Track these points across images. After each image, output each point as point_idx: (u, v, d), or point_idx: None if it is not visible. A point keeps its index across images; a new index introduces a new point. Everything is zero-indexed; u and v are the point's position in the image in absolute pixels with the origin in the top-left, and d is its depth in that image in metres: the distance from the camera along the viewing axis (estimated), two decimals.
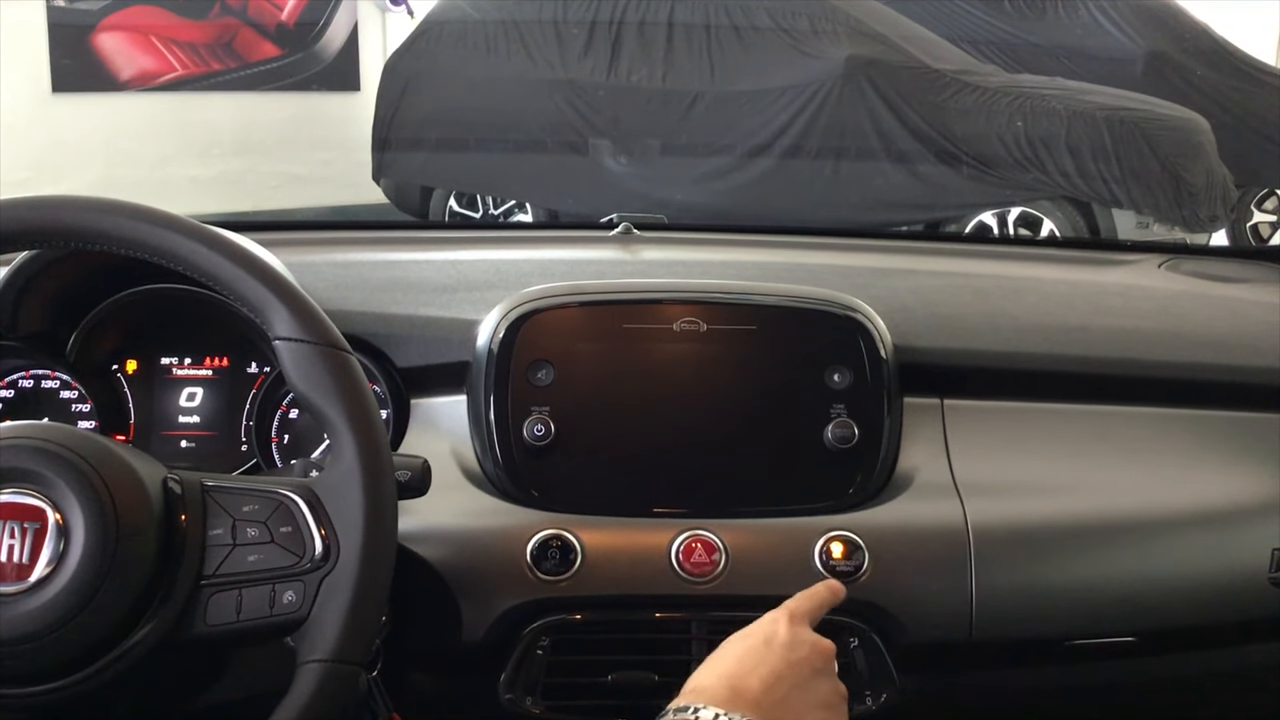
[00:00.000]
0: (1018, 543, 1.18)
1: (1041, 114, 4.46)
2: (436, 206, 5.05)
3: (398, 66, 5.02)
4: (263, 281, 0.95)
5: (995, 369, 1.29)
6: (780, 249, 1.66)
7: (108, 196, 0.96)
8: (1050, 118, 4.46)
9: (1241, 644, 1.25)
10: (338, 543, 0.91)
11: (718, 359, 1.22)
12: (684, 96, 4.74)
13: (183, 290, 1.27)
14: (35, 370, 1.29)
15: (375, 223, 3.18)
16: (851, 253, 1.62)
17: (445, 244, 1.65)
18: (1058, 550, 1.18)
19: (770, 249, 1.66)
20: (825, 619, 1.14)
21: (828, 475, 1.19)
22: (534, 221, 4.84)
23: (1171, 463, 1.26)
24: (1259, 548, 1.21)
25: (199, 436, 1.30)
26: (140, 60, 4.83)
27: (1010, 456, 1.25)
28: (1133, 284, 1.55)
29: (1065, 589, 1.18)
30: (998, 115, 4.50)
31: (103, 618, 0.87)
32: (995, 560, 1.16)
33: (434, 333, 1.27)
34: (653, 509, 1.18)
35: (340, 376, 0.94)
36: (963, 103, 4.57)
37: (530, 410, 1.19)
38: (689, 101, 4.74)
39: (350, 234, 1.76)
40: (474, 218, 5.02)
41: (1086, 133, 4.41)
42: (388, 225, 2.16)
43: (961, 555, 1.16)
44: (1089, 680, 1.22)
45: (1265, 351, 1.33)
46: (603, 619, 1.15)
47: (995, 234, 4.51)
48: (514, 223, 4.84)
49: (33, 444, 0.89)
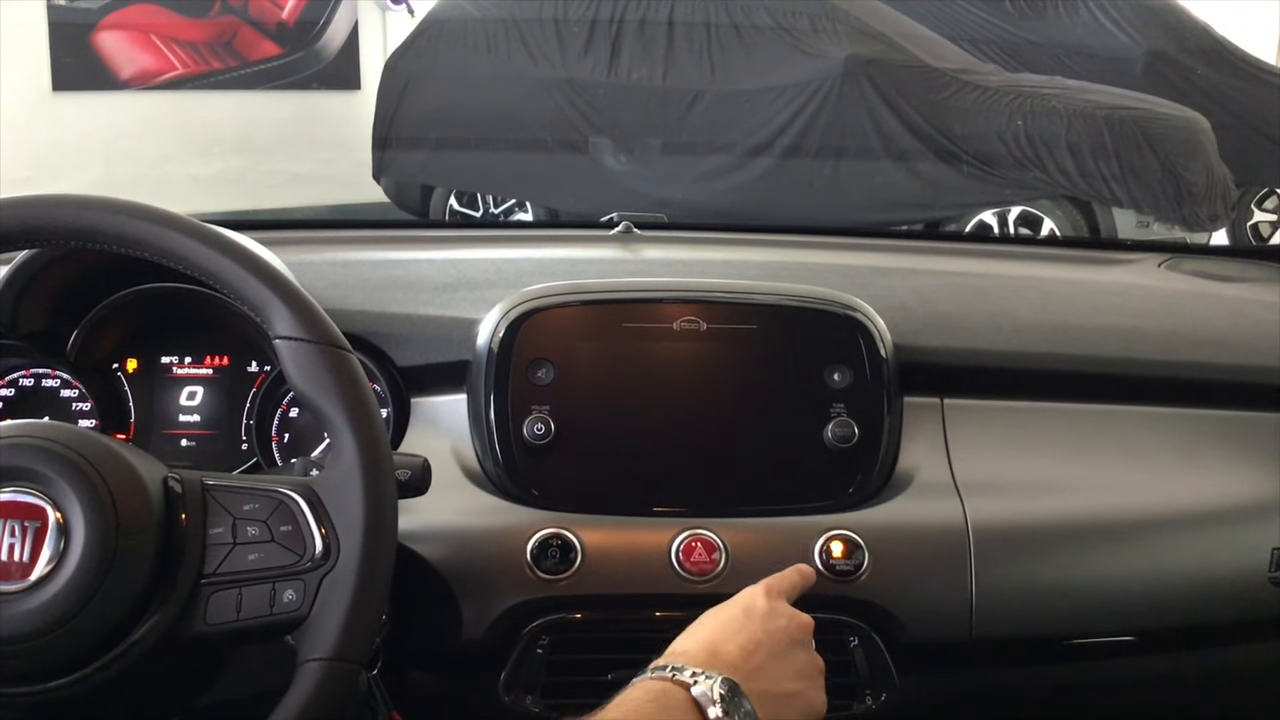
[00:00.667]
0: (1017, 542, 1.18)
1: (1042, 113, 4.46)
2: (437, 205, 5.05)
3: (398, 65, 5.01)
4: (263, 280, 0.95)
5: (995, 368, 1.29)
6: (780, 248, 1.66)
7: (107, 195, 0.96)
8: (1050, 116, 4.46)
9: (1242, 643, 1.25)
10: (338, 541, 0.91)
11: (717, 358, 1.22)
12: (684, 95, 4.74)
13: (183, 289, 1.26)
14: (36, 369, 1.29)
15: (375, 221, 3.18)
16: (852, 252, 1.62)
17: (445, 243, 1.65)
18: (1057, 549, 1.18)
19: (770, 248, 1.66)
20: (825, 618, 1.14)
21: (828, 474, 1.19)
22: (534, 220, 4.84)
23: (1171, 462, 1.26)
24: (1259, 547, 1.21)
25: (199, 435, 1.30)
26: (140, 59, 4.83)
27: (1010, 455, 1.25)
28: (1133, 283, 1.55)
29: (1065, 588, 1.18)
30: (998, 114, 4.50)
31: (103, 616, 0.86)
32: (995, 559, 1.16)
33: (434, 331, 1.27)
34: (653, 508, 1.18)
35: (341, 375, 0.94)
36: (963, 101, 4.57)
37: (530, 409, 1.19)
38: (689, 100, 4.74)
39: (350, 233, 1.75)
40: (474, 216, 5.02)
41: (1087, 131, 4.41)
42: (388, 224, 2.16)
43: (961, 554, 1.16)
44: (1089, 679, 1.22)
45: (1265, 350, 1.33)
46: (603, 618, 1.15)
47: (996, 233, 4.52)
48: (514, 221, 4.84)
49: (33, 443, 0.89)
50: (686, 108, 4.75)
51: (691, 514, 1.17)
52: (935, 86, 4.64)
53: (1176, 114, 4.60)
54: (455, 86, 4.90)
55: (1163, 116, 4.55)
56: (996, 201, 4.51)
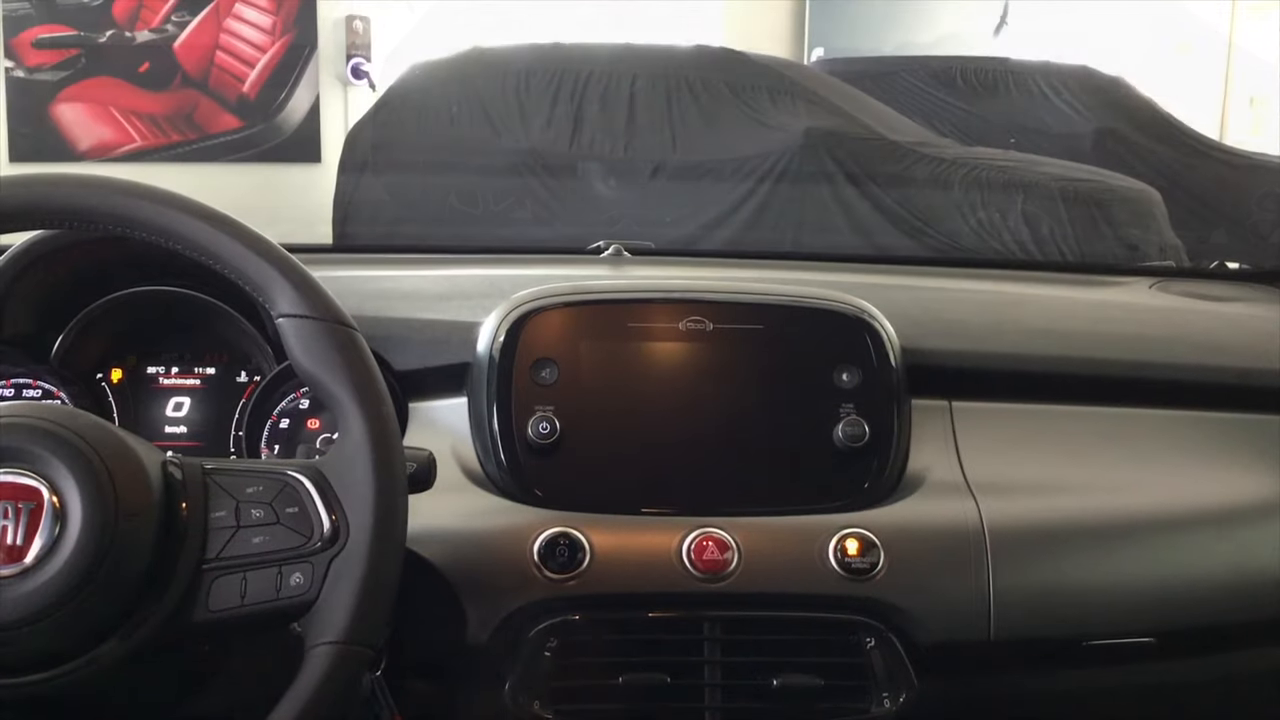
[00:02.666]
0: (1033, 541, 1.16)
1: (998, 184, 4.52)
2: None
3: (359, 137, 5.01)
4: (265, 258, 0.92)
5: (1002, 371, 1.28)
6: (773, 270, 1.66)
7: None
8: (1006, 188, 4.52)
9: (1263, 646, 1.24)
10: (347, 521, 0.88)
11: (724, 358, 1.20)
12: (646, 166, 4.77)
13: (172, 293, 1.23)
14: (17, 378, 1.24)
15: (367, 245, 3.18)
16: (847, 274, 1.62)
17: (437, 264, 1.63)
18: (1073, 549, 1.17)
19: (762, 270, 1.65)
20: (842, 618, 1.11)
21: (839, 474, 1.17)
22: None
23: (1181, 462, 1.26)
24: (1273, 547, 1.20)
25: (186, 447, 1.26)
26: (99, 131, 4.79)
27: (1021, 457, 1.23)
28: (1129, 301, 1.56)
29: (1082, 588, 1.16)
30: (955, 185, 4.56)
31: (100, 602, 0.82)
32: (1011, 559, 1.14)
33: (432, 334, 1.24)
34: (661, 507, 1.15)
35: (347, 352, 0.91)
36: (920, 173, 4.63)
37: (535, 409, 1.16)
38: (650, 171, 4.77)
39: (342, 256, 1.74)
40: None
41: (1042, 202, 4.48)
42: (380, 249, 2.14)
43: (978, 554, 1.14)
44: (1109, 684, 1.20)
45: (1267, 354, 1.33)
46: (612, 618, 1.11)
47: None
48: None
49: (28, 422, 0.85)
50: (648, 179, 4.77)
51: (701, 513, 1.14)
52: (893, 158, 4.69)
53: (1129, 186, 4.68)
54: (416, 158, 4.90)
55: (1116, 189, 4.62)
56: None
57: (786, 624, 1.12)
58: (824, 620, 1.12)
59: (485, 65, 4.68)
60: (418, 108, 5.06)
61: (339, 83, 5.18)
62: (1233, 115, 6.43)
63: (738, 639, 1.12)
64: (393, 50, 5.30)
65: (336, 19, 5.19)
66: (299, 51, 5.08)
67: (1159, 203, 4.70)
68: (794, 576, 1.11)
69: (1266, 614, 1.20)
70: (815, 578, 1.11)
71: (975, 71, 5.54)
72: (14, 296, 1.16)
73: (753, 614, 1.12)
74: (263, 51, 5.02)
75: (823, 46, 5.73)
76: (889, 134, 4.78)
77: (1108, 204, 4.49)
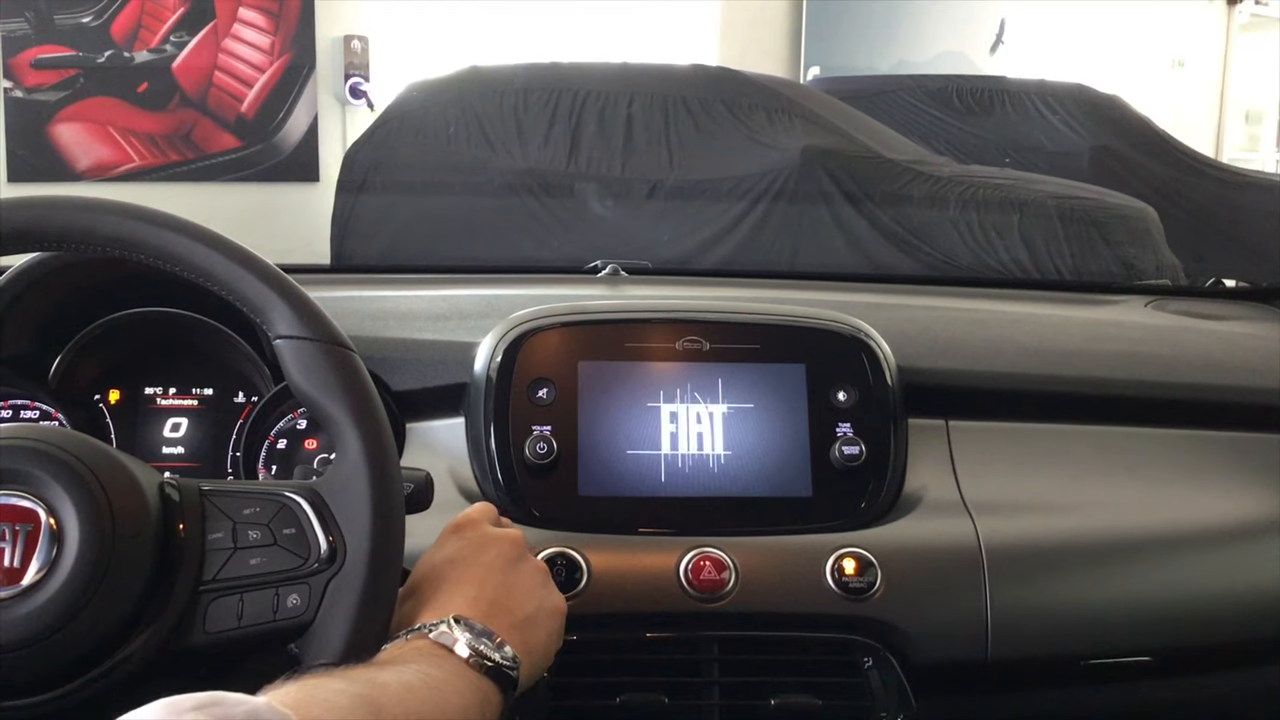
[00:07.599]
0: (1030, 560, 1.16)
1: (994, 202, 4.53)
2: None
3: (357, 157, 5.02)
4: (262, 279, 0.92)
5: (998, 390, 1.29)
6: (769, 289, 1.66)
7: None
8: (1003, 206, 4.53)
9: (1260, 665, 1.23)
10: (344, 542, 0.87)
11: (721, 377, 1.20)
12: (642, 186, 4.78)
13: (169, 315, 1.23)
14: (15, 400, 1.24)
15: (363, 266, 3.18)
16: (843, 293, 1.62)
17: (434, 284, 1.63)
18: (1071, 567, 1.17)
19: (759, 289, 1.65)
20: (840, 638, 1.11)
21: (836, 493, 1.17)
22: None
23: (1178, 481, 1.26)
24: (1271, 566, 1.20)
25: (183, 468, 1.26)
26: (98, 151, 4.79)
27: (1018, 476, 1.24)
28: (1124, 319, 1.56)
29: (1080, 607, 1.16)
30: (951, 204, 4.57)
31: (97, 624, 0.82)
32: (1009, 577, 1.14)
33: (429, 355, 1.24)
34: (659, 527, 1.15)
35: (344, 373, 0.91)
36: (917, 191, 4.64)
37: (532, 429, 1.16)
38: (647, 191, 4.78)
39: (338, 276, 1.74)
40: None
41: (1039, 220, 4.49)
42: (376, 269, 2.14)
43: (975, 573, 1.14)
44: (1110, 703, 1.19)
45: (1263, 372, 1.33)
46: (610, 638, 1.11)
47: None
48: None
49: (26, 444, 0.84)
50: (645, 198, 4.78)
51: (698, 532, 1.14)
52: (890, 177, 4.70)
53: (1126, 204, 4.69)
54: (414, 178, 4.91)
55: (1112, 207, 4.64)
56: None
57: (784, 644, 1.12)
58: (822, 640, 1.12)
59: (483, 85, 4.68)
60: (415, 127, 5.07)
61: (337, 102, 5.19)
62: (1228, 131, 6.46)
63: (735, 659, 1.12)
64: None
65: (335, 39, 5.20)
66: (297, 71, 5.10)
67: (1155, 220, 4.70)
68: (791, 596, 1.11)
69: (1264, 633, 1.19)
70: (813, 597, 1.11)
71: (971, 90, 5.57)
72: (12, 318, 1.16)
73: (750, 634, 1.12)
74: (261, 71, 5.04)
75: (818, 65, 5.77)
76: (886, 152, 4.80)
77: (1104, 222, 4.50)
